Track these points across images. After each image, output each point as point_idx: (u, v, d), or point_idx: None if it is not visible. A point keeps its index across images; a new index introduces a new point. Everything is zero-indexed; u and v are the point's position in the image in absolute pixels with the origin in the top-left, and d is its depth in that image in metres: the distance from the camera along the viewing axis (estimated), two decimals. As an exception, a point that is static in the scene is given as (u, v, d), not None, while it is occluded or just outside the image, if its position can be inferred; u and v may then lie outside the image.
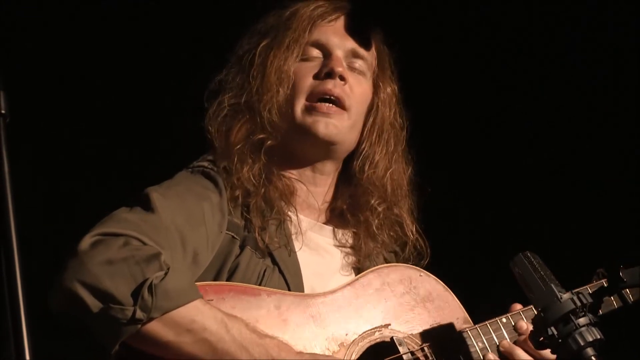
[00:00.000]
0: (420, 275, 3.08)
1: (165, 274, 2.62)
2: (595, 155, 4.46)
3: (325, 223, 3.19)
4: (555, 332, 2.62)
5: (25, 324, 1.96)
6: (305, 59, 3.17)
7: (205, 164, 3.04)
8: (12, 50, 4.04)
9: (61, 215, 4.05)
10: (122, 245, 2.65)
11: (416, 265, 3.16)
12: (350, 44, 3.21)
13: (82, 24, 4.14)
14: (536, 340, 2.70)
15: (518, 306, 3.05)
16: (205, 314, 2.66)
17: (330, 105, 3.12)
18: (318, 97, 3.11)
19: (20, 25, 4.06)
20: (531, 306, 3.00)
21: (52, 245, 2.84)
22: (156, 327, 2.61)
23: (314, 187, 3.19)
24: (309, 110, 3.11)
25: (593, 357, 2.60)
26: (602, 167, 4.42)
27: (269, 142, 3.10)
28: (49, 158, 4.16)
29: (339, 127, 3.12)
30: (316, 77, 3.15)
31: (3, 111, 2.11)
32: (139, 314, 2.57)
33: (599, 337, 2.61)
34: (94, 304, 2.58)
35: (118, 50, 4.19)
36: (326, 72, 3.13)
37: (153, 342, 2.63)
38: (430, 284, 3.07)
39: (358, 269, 3.15)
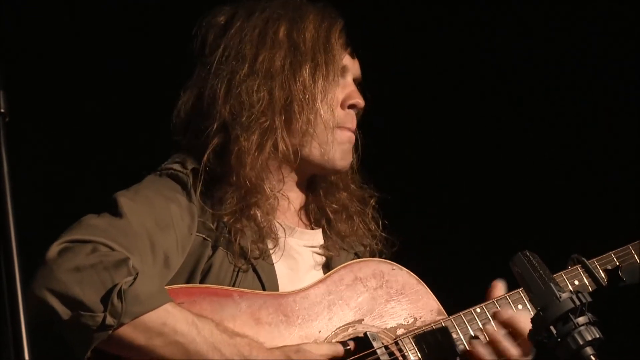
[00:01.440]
0: (393, 269, 3.07)
1: (134, 278, 2.63)
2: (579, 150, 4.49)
3: (297, 225, 3.16)
4: (555, 331, 2.62)
5: (25, 323, 1.96)
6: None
7: (175, 166, 3.01)
8: (12, 50, 4.04)
9: (61, 215, 4.04)
10: (90, 252, 2.67)
11: (388, 252, 3.18)
12: (358, 71, 3.22)
13: (82, 23, 4.15)
14: (535, 339, 2.71)
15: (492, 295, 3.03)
16: (175, 317, 2.67)
17: (353, 134, 3.16)
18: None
19: (20, 24, 4.06)
20: (505, 295, 3.01)
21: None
22: (127, 332, 2.63)
23: (288, 192, 3.14)
24: (339, 139, 3.10)
25: (592, 356, 2.59)
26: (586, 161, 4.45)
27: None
28: (48, 157, 4.16)
29: None
30: (340, 105, 3.14)
31: (2, 110, 2.11)
32: (109, 320, 2.59)
33: (598, 336, 2.61)
34: (64, 311, 2.60)
35: (118, 49, 4.19)
36: (352, 104, 3.15)
37: (125, 346, 2.65)
38: (403, 277, 3.06)
39: (331, 267, 3.12)
